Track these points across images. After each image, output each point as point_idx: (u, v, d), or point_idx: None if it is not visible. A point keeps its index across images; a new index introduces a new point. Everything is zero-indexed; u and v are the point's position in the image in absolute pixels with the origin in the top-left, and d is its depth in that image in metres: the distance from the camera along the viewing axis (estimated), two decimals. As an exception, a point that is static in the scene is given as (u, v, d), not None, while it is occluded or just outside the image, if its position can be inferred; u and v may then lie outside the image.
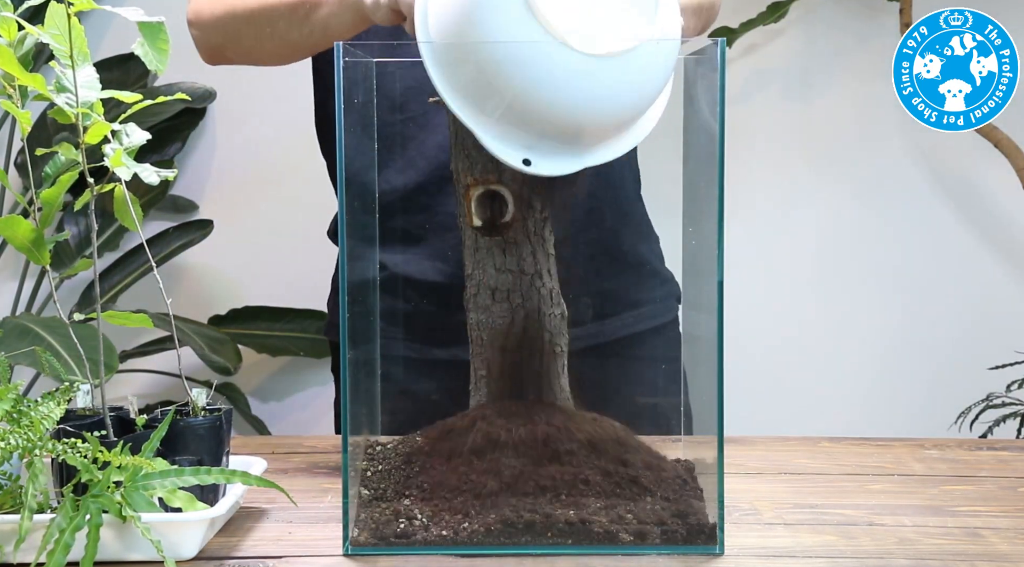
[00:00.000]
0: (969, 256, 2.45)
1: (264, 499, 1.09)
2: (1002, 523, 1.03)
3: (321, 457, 1.28)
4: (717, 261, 0.95)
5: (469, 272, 1.06)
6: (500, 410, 1.00)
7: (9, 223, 0.98)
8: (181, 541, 0.92)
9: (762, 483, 1.18)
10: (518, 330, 1.04)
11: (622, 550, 0.93)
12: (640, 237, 1.40)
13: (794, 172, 2.47)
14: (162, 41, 0.96)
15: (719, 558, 0.93)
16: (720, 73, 0.93)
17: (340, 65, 0.94)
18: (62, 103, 0.95)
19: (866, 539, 0.98)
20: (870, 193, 2.46)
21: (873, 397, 2.48)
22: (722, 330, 0.95)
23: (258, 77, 2.43)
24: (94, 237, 1.00)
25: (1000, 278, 2.45)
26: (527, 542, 0.93)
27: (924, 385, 2.46)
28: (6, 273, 2.49)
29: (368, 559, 0.93)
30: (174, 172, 1.02)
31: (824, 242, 2.47)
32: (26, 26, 0.96)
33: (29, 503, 0.87)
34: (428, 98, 0.99)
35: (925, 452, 1.31)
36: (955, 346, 2.43)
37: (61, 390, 0.98)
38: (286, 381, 2.58)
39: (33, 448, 0.90)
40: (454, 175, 1.07)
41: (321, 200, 2.63)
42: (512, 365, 1.05)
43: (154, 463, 0.93)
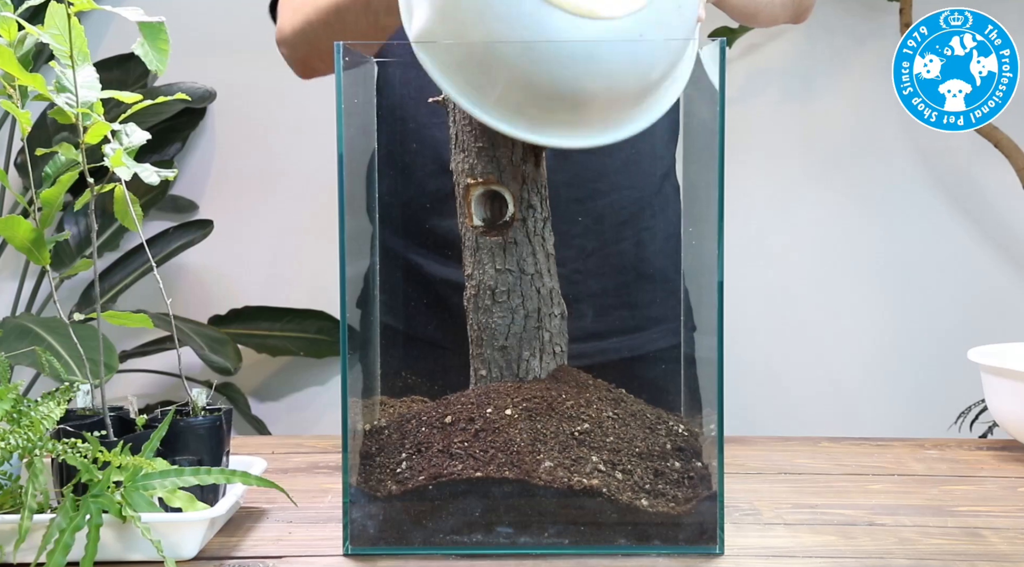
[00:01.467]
0: (969, 256, 2.45)
1: (264, 499, 1.09)
2: (1002, 523, 1.03)
3: (321, 457, 1.28)
4: (717, 261, 0.95)
5: (469, 272, 1.06)
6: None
7: (9, 223, 0.98)
8: (181, 541, 0.92)
9: (762, 483, 1.18)
10: (518, 330, 1.04)
11: (622, 550, 0.93)
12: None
13: (794, 172, 2.47)
14: (162, 41, 0.96)
15: (719, 558, 0.93)
16: (720, 73, 0.93)
17: (340, 65, 0.94)
18: (62, 103, 0.95)
19: (866, 539, 0.98)
20: (870, 193, 2.46)
21: (873, 397, 2.48)
22: (722, 330, 0.95)
23: (258, 77, 2.43)
24: (94, 237, 0.99)
25: (1000, 278, 2.46)
26: (527, 543, 0.93)
27: (924, 385, 2.46)
28: (6, 273, 2.49)
29: (368, 559, 0.93)
30: (174, 172, 1.02)
31: (824, 242, 2.48)
32: (26, 26, 0.96)
33: (29, 503, 0.87)
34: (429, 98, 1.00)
35: (925, 452, 1.31)
36: (955, 346, 2.43)
37: (61, 390, 0.98)
38: (286, 381, 2.58)
39: (33, 448, 0.91)
40: (454, 175, 1.07)
41: (321, 200, 2.63)
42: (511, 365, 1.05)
43: (154, 463, 0.93)
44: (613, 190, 1.32)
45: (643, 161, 1.36)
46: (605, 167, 1.37)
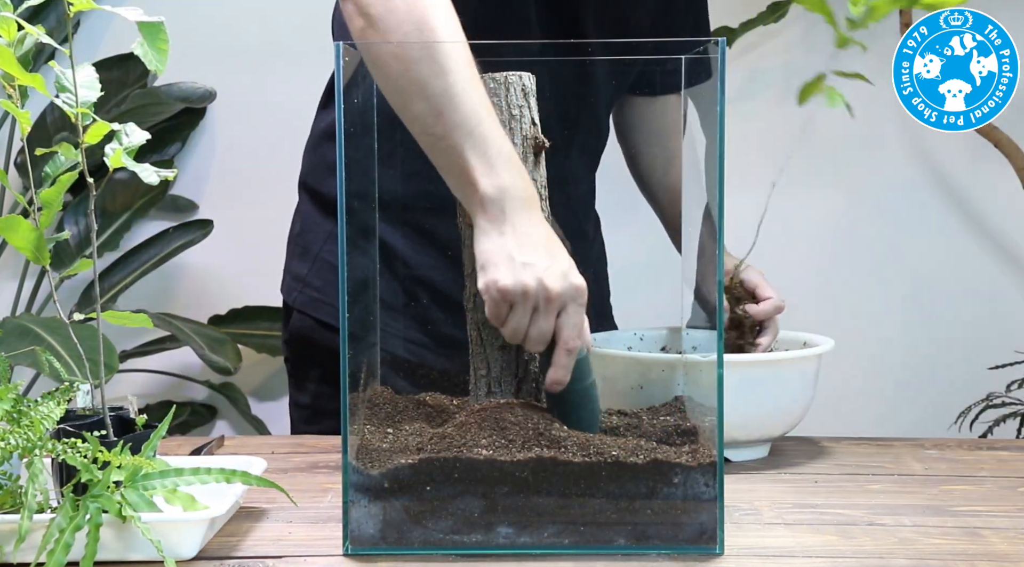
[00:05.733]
0: (969, 256, 2.45)
1: (264, 499, 1.08)
2: (1002, 523, 1.03)
3: (321, 457, 1.28)
4: (717, 261, 0.95)
5: (469, 272, 1.06)
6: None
7: (9, 223, 0.98)
8: (181, 541, 0.92)
9: (762, 483, 1.18)
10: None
11: (622, 550, 0.93)
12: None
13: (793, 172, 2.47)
14: (162, 41, 0.96)
15: (719, 558, 0.93)
16: (720, 73, 0.93)
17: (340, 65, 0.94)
18: (61, 103, 0.95)
19: (866, 539, 0.98)
20: (870, 193, 2.45)
21: (873, 397, 2.48)
22: (722, 330, 0.95)
23: (258, 77, 2.43)
24: (94, 237, 1.00)
25: (1000, 278, 2.45)
26: (526, 543, 0.93)
27: (924, 385, 2.46)
28: (6, 273, 2.49)
29: (368, 559, 0.93)
30: (174, 172, 1.02)
31: (823, 242, 2.47)
32: (26, 26, 0.96)
33: (29, 503, 0.87)
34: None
35: (925, 452, 1.31)
36: (955, 346, 2.43)
37: (61, 390, 0.98)
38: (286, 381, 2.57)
39: (33, 448, 0.91)
40: (454, 175, 1.07)
41: (321, 200, 2.63)
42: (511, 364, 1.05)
43: (154, 463, 0.93)
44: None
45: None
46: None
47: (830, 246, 2.48)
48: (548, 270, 0.99)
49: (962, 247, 2.45)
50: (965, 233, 2.45)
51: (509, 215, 1.00)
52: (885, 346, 2.47)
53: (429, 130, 1.04)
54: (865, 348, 2.48)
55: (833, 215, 2.47)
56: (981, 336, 2.41)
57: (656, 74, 1.41)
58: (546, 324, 0.99)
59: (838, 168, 2.46)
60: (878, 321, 2.48)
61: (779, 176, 1.24)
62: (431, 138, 1.04)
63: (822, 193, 2.47)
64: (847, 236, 2.47)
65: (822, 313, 2.50)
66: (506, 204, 1.00)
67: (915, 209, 2.45)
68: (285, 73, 2.35)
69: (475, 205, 1.01)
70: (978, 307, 2.44)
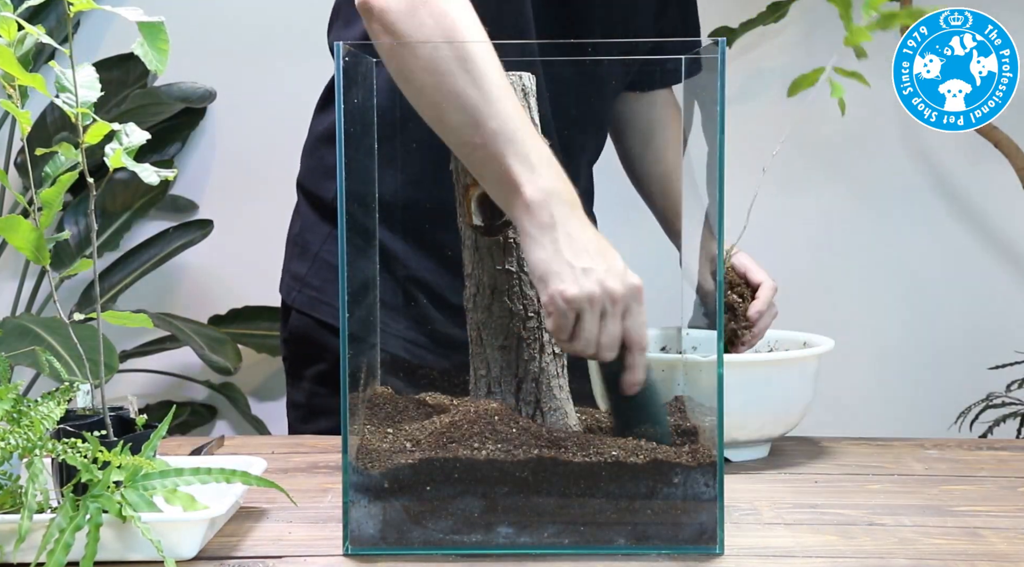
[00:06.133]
0: (969, 256, 2.45)
1: (264, 499, 1.09)
2: (1002, 523, 1.03)
3: (321, 457, 1.28)
4: (718, 261, 0.95)
5: (469, 272, 1.06)
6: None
7: (9, 223, 0.98)
8: (181, 541, 0.92)
9: (762, 483, 1.18)
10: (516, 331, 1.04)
11: (622, 550, 0.93)
12: None
13: (794, 172, 2.47)
14: (162, 41, 0.96)
15: (719, 558, 0.93)
16: (720, 73, 0.93)
17: (340, 65, 0.94)
18: (61, 103, 0.95)
19: (866, 539, 0.98)
20: (870, 193, 2.45)
21: (873, 397, 2.48)
22: (722, 330, 0.95)
23: (258, 77, 2.43)
24: (94, 237, 1.00)
25: (1000, 278, 2.45)
26: (526, 543, 0.93)
27: (924, 385, 2.46)
28: (6, 273, 2.49)
29: (368, 559, 0.93)
30: (174, 172, 1.02)
31: (823, 242, 2.47)
32: (26, 26, 0.96)
33: (29, 503, 0.87)
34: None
35: (925, 452, 1.31)
36: (955, 346, 2.43)
37: (61, 390, 0.98)
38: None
39: (33, 448, 0.91)
40: (453, 175, 1.07)
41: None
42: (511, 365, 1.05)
43: (154, 463, 0.93)
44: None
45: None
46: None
47: (830, 246, 2.48)
48: (608, 273, 0.97)
49: (962, 247, 2.45)
50: (965, 233, 2.45)
51: (558, 219, 0.98)
52: (885, 346, 2.47)
53: (467, 140, 1.02)
54: (865, 348, 2.48)
55: (833, 215, 2.47)
56: (981, 336, 2.41)
57: (649, 72, 1.41)
58: (615, 328, 0.97)
59: (838, 168, 2.46)
60: (878, 321, 2.48)
61: (771, 161, 1.22)
62: (470, 148, 1.02)
63: (822, 193, 2.47)
64: (847, 236, 2.47)
65: (822, 313, 2.50)
66: (553, 208, 0.98)
67: (915, 209, 2.45)
68: (285, 73, 2.35)
69: (520, 210, 0.99)
70: (978, 307, 2.44)
